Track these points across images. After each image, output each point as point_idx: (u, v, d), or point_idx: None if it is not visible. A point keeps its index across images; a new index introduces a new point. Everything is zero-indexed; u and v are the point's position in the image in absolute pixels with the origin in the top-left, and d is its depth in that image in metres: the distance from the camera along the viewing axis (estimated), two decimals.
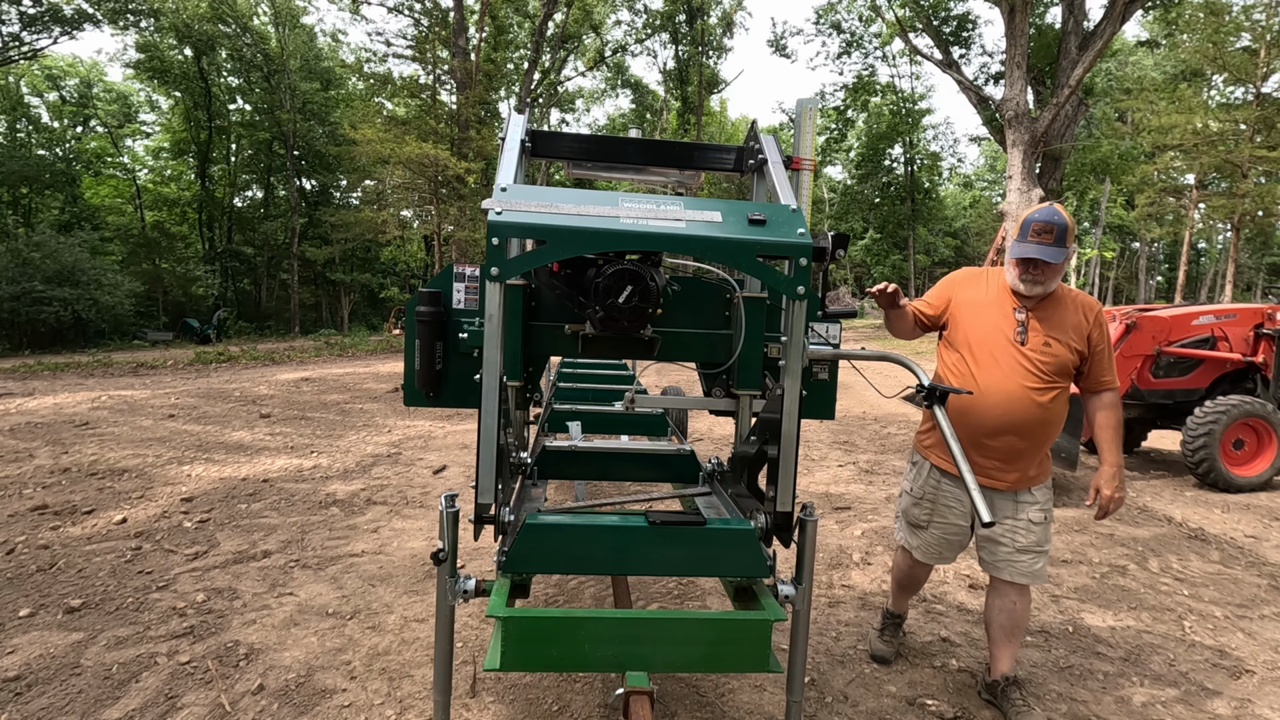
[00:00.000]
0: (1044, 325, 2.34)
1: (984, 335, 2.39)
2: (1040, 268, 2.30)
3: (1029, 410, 2.31)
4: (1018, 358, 2.33)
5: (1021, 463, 2.37)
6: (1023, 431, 2.33)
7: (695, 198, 2.29)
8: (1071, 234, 2.27)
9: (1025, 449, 2.36)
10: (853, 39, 30.34)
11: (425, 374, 2.20)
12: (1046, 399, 2.31)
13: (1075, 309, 2.37)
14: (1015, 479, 2.40)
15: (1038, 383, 2.31)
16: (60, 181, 25.66)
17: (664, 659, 1.80)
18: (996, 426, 2.34)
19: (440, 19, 24.81)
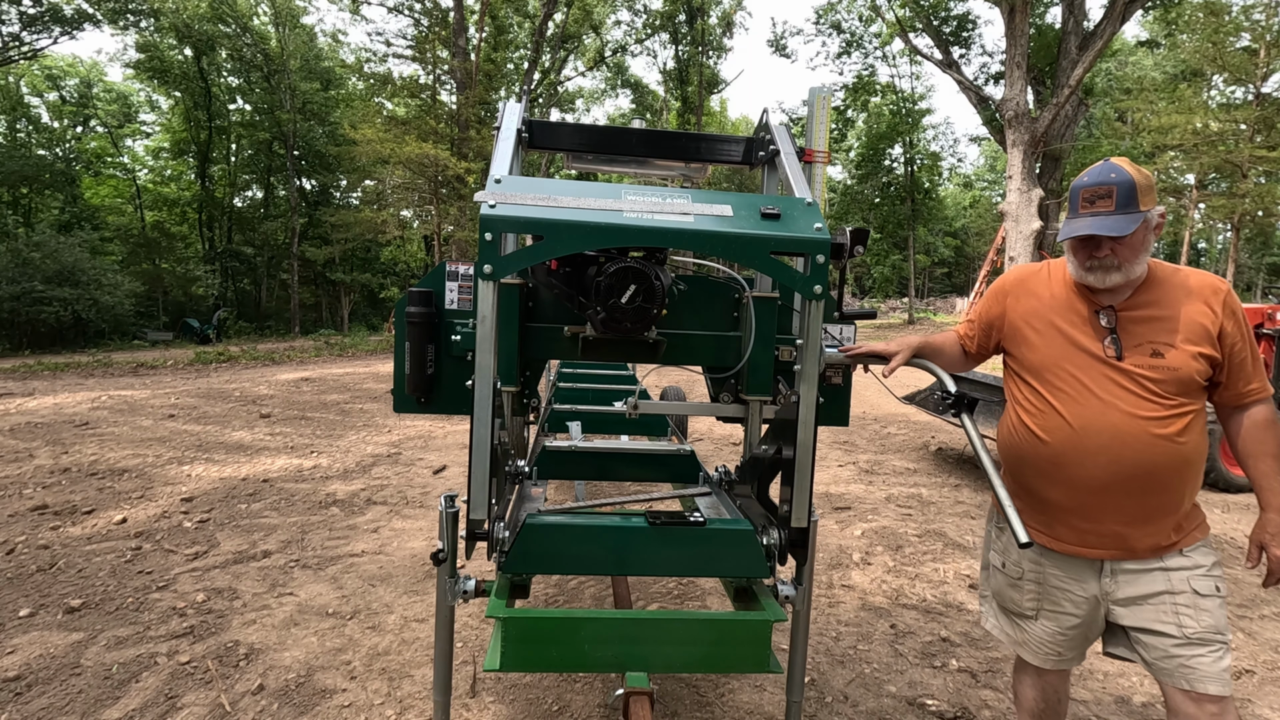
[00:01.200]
0: (1145, 327, 1.68)
1: (1059, 354, 1.75)
2: (1106, 246, 1.66)
3: (1150, 449, 1.63)
4: (1116, 379, 1.67)
5: (1159, 520, 1.69)
6: (1149, 480, 1.64)
7: (704, 190, 2.15)
8: (1145, 192, 1.62)
9: (1159, 503, 1.67)
10: (853, 39, 30.35)
11: (416, 379, 2.05)
12: (1173, 430, 1.63)
13: (1191, 295, 1.67)
14: (1154, 543, 1.69)
15: (1155, 409, 1.64)
16: (60, 181, 25.64)
17: (664, 659, 1.80)
18: (1107, 478, 1.67)
19: (440, 19, 24.81)
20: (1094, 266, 1.69)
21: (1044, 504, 1.78)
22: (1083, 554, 1.76)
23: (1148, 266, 1.71)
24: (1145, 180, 1.64)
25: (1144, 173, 1.65)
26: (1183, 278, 1.71)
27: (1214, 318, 1.66)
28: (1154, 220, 1.66)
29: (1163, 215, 1.69)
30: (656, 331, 2.03)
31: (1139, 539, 1.71)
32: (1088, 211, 1.67)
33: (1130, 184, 1.62)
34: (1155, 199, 1.66)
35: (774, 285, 2.19)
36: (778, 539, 1.84)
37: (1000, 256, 20.33)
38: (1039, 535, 1.81)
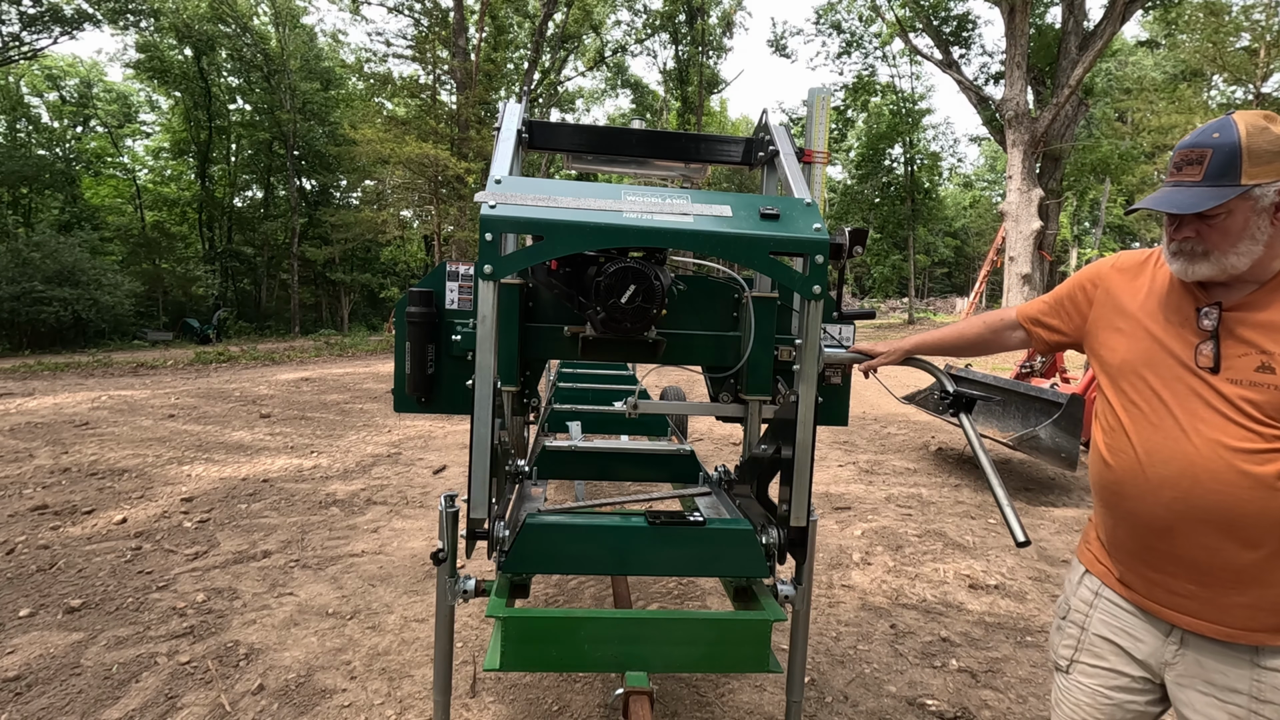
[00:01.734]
0: (1259, 333, 1.28)
1: (1140, 358, 1.41)
2: (1189, 226, 1.31)
3: (1233, 489, 1.26)
4: (1204, 395, 1.31)
5: (1253, 589, 1.29)
6: (1230, 529, 1.28)
7: (703, 190, 2.15)
8: (1257, 158, 1.24)
9: (1252, 566, 1.28)
10: (853, 39, 30.38)
11: (416, 379, 2.05)
12: (1273, 470, 1.23)
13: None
14: (1243, 619, 1.30)
15: (1249, 438, 1.26)
16: (60, 181, 25.65)
17: (664, 659, 1.80)
18: (1172, 520, 1.33)
19: (440, 19, 24.82)
20: (1177, 252, 1.34)
21: (1112, 541, 1.48)
22: (1151, 610, 1.41)
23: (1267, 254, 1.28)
24: (1265, 143, 1.23)
25: (1273, 133, 1.24)
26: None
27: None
28: (1266, 198, 1.24)
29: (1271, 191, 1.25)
30: (656, 331, 2.03)
31: (1226, 610, 1.31)
32: (1172, 180, 1.34)
33: (1232, 148, 1.25)
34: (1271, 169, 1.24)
35: (773, 285, 2.19)
36: (777, 539, 1.84)
37: (1000, 256, 20.34)
38: (1104, 573, 1.51)
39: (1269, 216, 1.25)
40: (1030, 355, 7.25)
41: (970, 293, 30.32)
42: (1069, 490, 5.78)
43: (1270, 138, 1.24)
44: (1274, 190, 1.24)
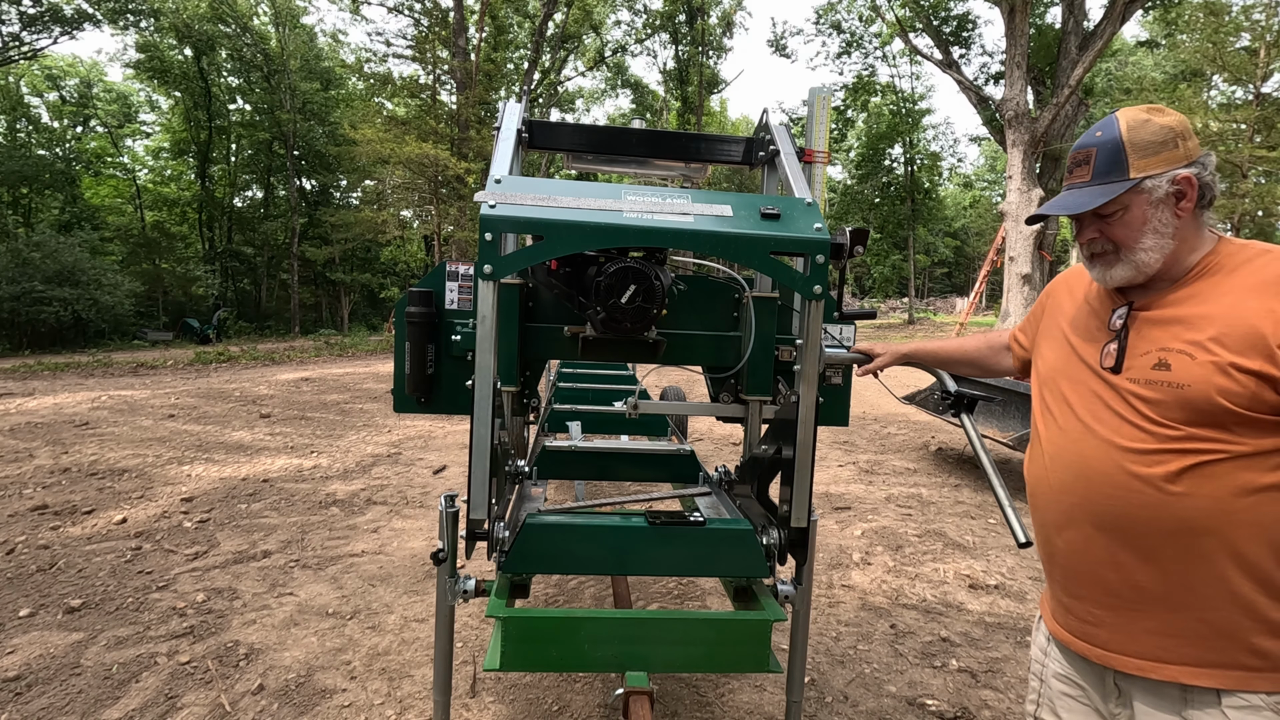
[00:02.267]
0: (1163, 330, 1.21)
1: (1059, 364, 1.37)
2: (1091, 228, 1.27)
3: (1124, 493, 1.17)
4: (1105, 396, 1.24)
5: (1159, 614, 1.17)
6: (1127, 539, 1.18)
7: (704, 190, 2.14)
8: (1143, 150, 1.21)
9: (1152, 580, 1.17)
10: (853, 39, 30.37)
11: (416, 379, 2.04)
12: (1162, 472, 1.14)
13: (1258, 288, 1.14)
14: (1153, 647, 1.18)
15: (1141, 439, 1.17)
16: (60, 181, 25.64)
17: (664, 659, 1.80)
18: (1070, 528, 1.26)
19: (440, 19, 24.82)
20: (1090, 257, 1.30)
21: (1045, 567, 1.38)
22: (1075, 648, 1.29)
23: (1203, 251, 1.22)
24: (1148, 135, 1.21)
25: (1155, 124, 1.21)
26: (1260, 264, 1.15)
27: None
28: (1160, 189, 1.19)
29: (1183, 181, 1.19)
30: (656, 331, 2.03)
31: (1135, 639, 1.19)
32: (1067, 184, 1.31)
33: (1115, 143, 1.22)
34: (1173, 157, 1.20)
35: (774, 285, 2.19)
36: (777, 539, 1.83)
37: (1000, 256, 20.33)
38: (1047, 613, 1.40)
39: (1169, 208, 1.21)
40: None
41: (970, 293, 30.32)
42: None
43: (1153, 129, 1.21)
44: (1167, 180, 1.20)
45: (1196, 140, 1.22)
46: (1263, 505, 1.09)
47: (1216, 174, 1.22)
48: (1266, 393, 1.08)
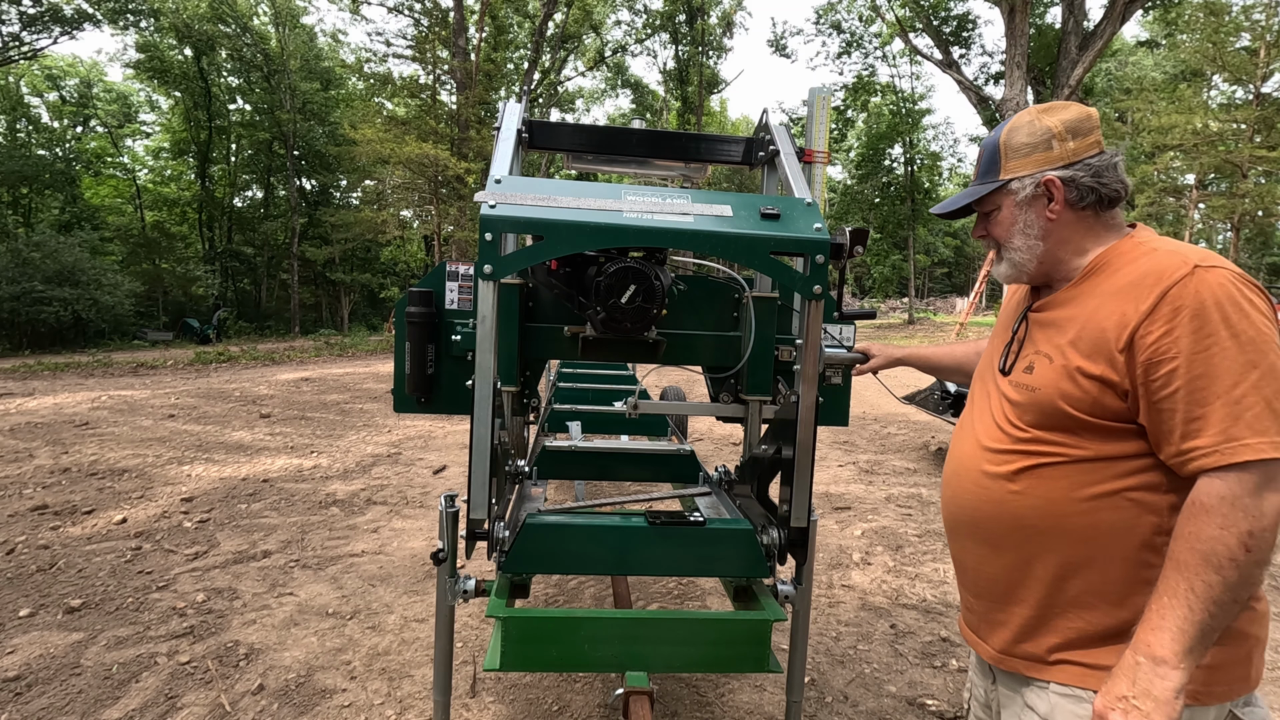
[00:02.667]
0: (1044, 332, 1.21)
1: (981, 366, 1.40)
2: (982, 226, 1.32)
3: (976, 490, 1.23)
4: (991, 397, 1.28)
5: (1006, 605, 1.21)
6: (979, 531, 1.24)
7: (703, 190, 2.14)
8: (1017, 151, 1.22)
9: (1002, 572, 1.21)
10: (853, 39, 30.37)
11: (416, 379, 2.05)
12: (1005, 470, 1.18)
13: (1124, 289, 1.09)
14: (1004, 640, 1.23)
15: (997, 439, 1.21)
16: (60, 181, 25.64)
17: (664, 659, 1.80)
18: (949, 522, 1.34)
19: (440, 19, 24.82)
20: (995, 258, 1.32)
21: None
22: (963, 634, 1.36)
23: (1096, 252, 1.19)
24: (1023, 137, 1.21)
25: (1036, 125, 1.21)
26: (1145, 261, 1.10)
27: (1129, 320, 1.04)
28: (1025, 191, 1.21)
29: (1048, 183, 1.19)
30: (656, 331, 2.03)
31: (993, 629, 1.25)
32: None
33: (994, 144, 1.25)
34: (1046, 159, 1.19)
35: (774, 285, 2.19)
36: (777, 539, 1.83)
37: None
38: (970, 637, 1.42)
39: (1037, 210, 1.21)
40: None
41: (970, 293, 30.34)
42: None
43: (1030, 130, 1.21)
44: (1030, 183, 1.21)
45: (1093, 140, 1.19)
46: (1098, 511, 1.09)
47: (1112, 176, 1.18)
48: (1108, 398, 1.06)
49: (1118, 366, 1.05)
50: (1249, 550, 0.94)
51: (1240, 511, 0.94)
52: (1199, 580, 0.95)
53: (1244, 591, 0.96)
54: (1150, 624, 0.99)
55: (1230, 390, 0.96)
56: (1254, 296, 1.01)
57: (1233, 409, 0.96)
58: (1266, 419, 0.95)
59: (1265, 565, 0.96)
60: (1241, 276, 1.03)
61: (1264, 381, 0.96)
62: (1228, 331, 0.97)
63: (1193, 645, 0.96)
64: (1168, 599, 0.98)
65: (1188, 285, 1.00)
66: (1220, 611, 0.95)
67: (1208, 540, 0.95)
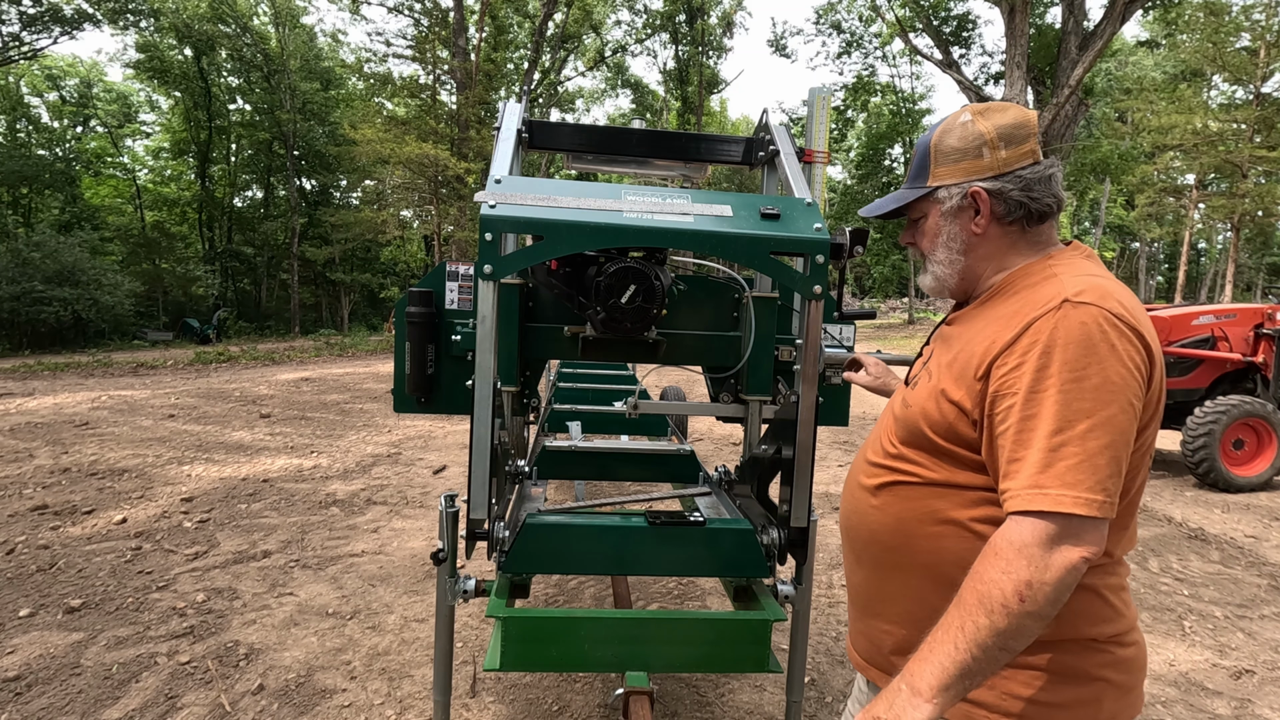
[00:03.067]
0: (942, 348, 1.18)
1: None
2: (910, 232, 1.24)
3: (851, 502, 1.26)
4: (889, 409, 1.27)
5: (868, 616, 1.22)
6: (852, 542, 1.25)
7: (703, 190, 2.15)
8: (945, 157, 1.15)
9: (865, 581, 1.23)
10: (853, 39, 30.35)
11: (416, 379, 2.05)
12: (872, 483, 1.19)
13: (1000, 320, 1.05)
14: (865, 647, 1.24)
15: (876, 453, 1.21)
16: (60, 181, 25.63)
17: (664, 659, 1.80)
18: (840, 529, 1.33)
19: (440, 19, 24.82)
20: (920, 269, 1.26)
21: None
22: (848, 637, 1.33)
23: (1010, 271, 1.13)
24: (953, 141, 1.13)
25: (968, 129, 1.12)
26: (1041, 287, 1.04)
27: (994, 348, 1.01)
28: (951, 201, 1.13)
29: (975, 195, 1.11)
30: (656, 331, 2.04)
31: (859, 636, 1.25)
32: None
33: (925, 147, 1.17)
34: (975, 168, 1.11)
35: (774, 285, 2.19)
36: (777, 539, 1.83)
37: None
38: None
39: (961, 222, 1.14)
40: None
41: None
42: None
43: (962, 135, 1.12)
44: (958, 193, 1.12)
45: (1028, 149, 1.11)
46: (944, 538, 1.06)
47: (1044, 189, 1.10)
48: (962, 425, 1.03)
49: (974, 394, 1.02)
50: (1022, 600, 0.89)
51: (1024, 560, 0.90)
52: (969, 621, 0.92)
53: (1014, 641, 0.91)
54: (920, 655, 0.96)
55: (1052, 437, 0.92)
56: (1118, 342, 0.93)
57: (1048, 456, 0.91)
58: (1082, 472, 0.90)
59: (1041, 620, 0.90)
60: (1111, 318, 0.94)
61: (1092, 434, 0.90)
62: (1070, 376, 0.92)
63: (950, 684, 0.92)
64: (941, 633, 0.95)
65: (1049, 320, 0.96)
66: (984, 656, 0.91)
67: (987, 583, 0.92)
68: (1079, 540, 0.90)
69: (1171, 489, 5.95)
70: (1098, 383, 0.91)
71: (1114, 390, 0.92)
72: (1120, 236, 47.91)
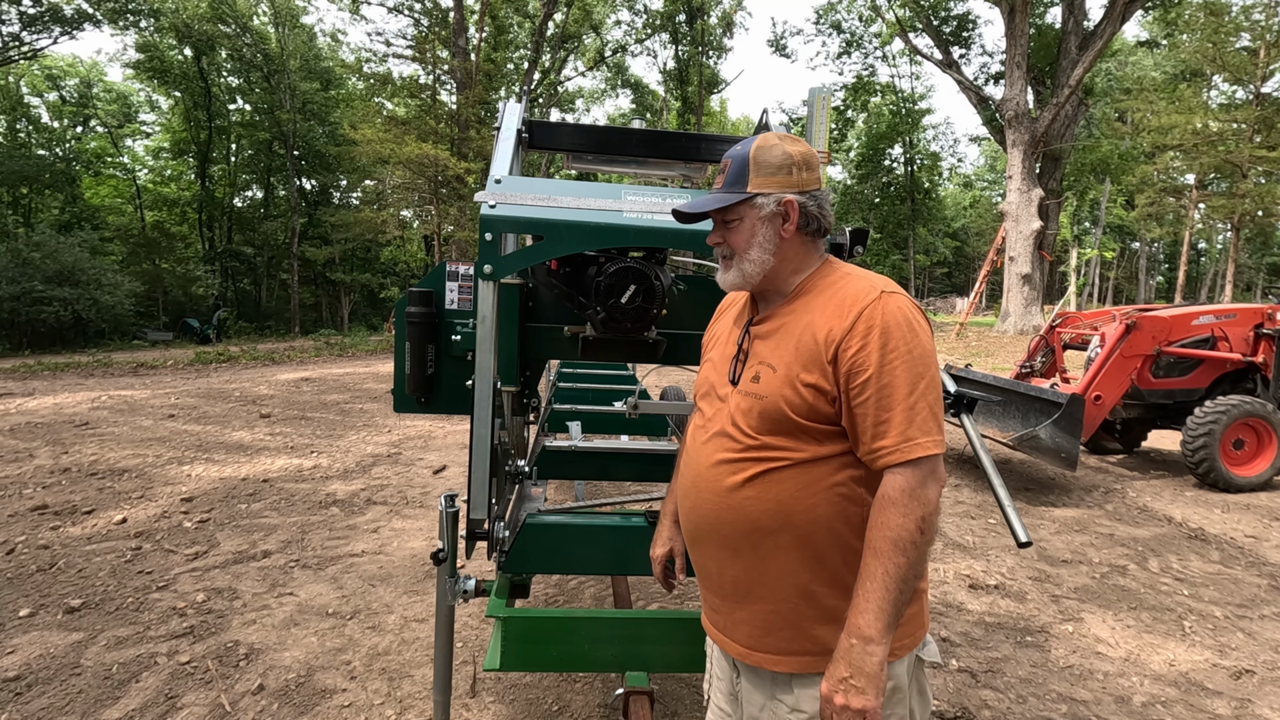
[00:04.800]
0: (766, 344, 1.31)
1: (705, 379, 1.45)
2: (720, 233, 1.35)
3: (716, 500, 1.29)
4: (721, 409, 1.34)
5: (749, 603, 1.29)
6: (722, 538, 1.30)
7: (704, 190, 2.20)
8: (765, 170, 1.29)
9: (742, 573, 1.29)
10: (853, 39, 30.38)
11: (416, 379, 2.05)
12: (739, 479, 1.25)
13: (831, 305, 1.24)
14: (746, 636, 1.30)
15: (729, 449, 1.28)
16: (60, 181, 25.61)
17: (664, 659, 1.80)
18: (690, 530, 1.39)
19: (440, 19, 24.83)
20: (718, 260, 1.38)
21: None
22: (709, 632, 1.43)
23: (807, 273, 1.32)
24: (769, 157, 1.29)
25: (780, 150, 1.29)
26: (844, 284, 1.26)
27: (835, 335, 1.19)
28: (768, 206, 1.28)
29: (787, 205, 1.28)
30: (656, 331, 2.03)
31: (736, 626, 1.32)
32: (713, 189, 1.39)
33: (743, 158, 1.31)
34: (786, 183, 1.28)
35: None
36: None
37: (1000, 256, 20.34)
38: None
39: (774, 227, 1.30)
40: (1030, 355, 7.26)
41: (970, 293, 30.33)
42: (1069, 490, 5.79)
43: (776, 153, 1.29)
44: (774, 201, 1.28)
45: (818, 175, 1.33)
46: (817, 507, 1.22)
47: (828, 211, 1.32)
48: (821, 404, 1.20)
49: (828, 376, 1.20)
50: (923, 533, 1.13)
51: (915, 501, 1.13)
52: (890, 563, 1.11)
53: (921, 567, 1.16)
54: (858, 608, 1.13)
55: (907, 398, 1.15)
56: (920, 320, 1.22)
57: (909, 414, 1.15)
58: (930, 421, 1.16)
59: (932, 543, 1.16)
60: (912, 303, 1.23)
61: (928, 390, 1.17)
62: (905, 349, 1.17)
63: (890, 621, 1.12)
64: (869, 583, 1.12)
65: (876, 308, 1.19)
66: (907, 588, 1.13)
67: (894, 528, 1.12)
68: (937, 474, 1.17)
69: (1171, 489, 5.95)
70: (920, 352, 1.18)
71: (930, 355, 1.20)
72: (1120, 236, 47.89)
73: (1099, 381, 5.80)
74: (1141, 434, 7.00)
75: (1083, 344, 6.84)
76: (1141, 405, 6.27)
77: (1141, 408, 6.32)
